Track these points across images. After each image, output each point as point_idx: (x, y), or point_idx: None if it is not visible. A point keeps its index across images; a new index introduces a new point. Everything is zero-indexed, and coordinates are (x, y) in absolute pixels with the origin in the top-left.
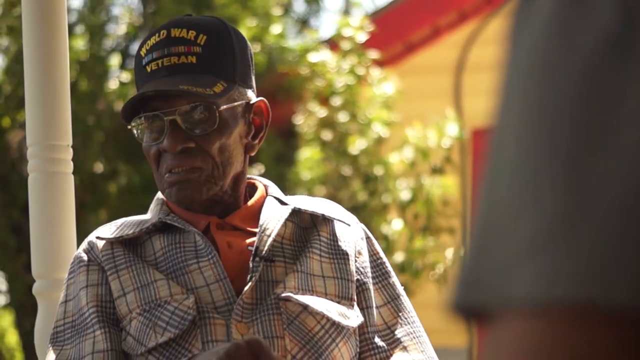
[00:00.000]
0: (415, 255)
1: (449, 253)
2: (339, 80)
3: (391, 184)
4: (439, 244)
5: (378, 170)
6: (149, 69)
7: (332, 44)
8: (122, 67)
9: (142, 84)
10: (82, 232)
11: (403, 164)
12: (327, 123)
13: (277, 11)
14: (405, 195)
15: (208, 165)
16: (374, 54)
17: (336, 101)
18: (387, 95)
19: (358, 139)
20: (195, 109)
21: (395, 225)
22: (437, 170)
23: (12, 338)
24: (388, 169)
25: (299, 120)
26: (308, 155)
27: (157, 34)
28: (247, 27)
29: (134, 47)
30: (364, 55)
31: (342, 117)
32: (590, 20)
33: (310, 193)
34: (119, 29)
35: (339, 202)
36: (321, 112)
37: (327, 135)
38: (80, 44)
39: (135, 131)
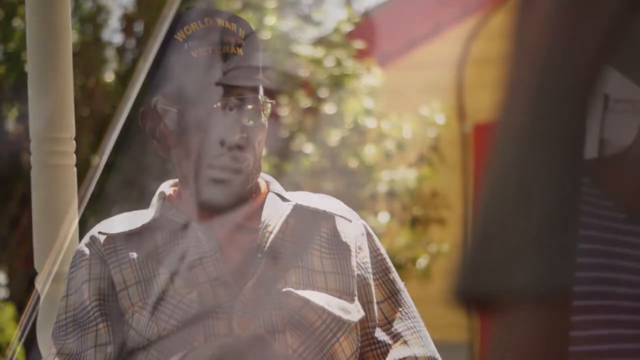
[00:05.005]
0: (398, 250)
1: (433, 247)
2: (324, 72)
3: (366, 176)
4: (426, 238)
5: (353, 163)
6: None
7: (327, 41)
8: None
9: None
10: (79, 223)
11: (379, 156)
12: (312, 114)
13: (271, 3)
14: (382, 188)
15: (253, 157)
16: (359, 44)
17: (323, 93)
18: (371, 87)
19: (334, 130)
20: (259, 101)
21: (381, 218)
22: (416, 163)
23: (12, 332)
24: (363, 161)
25: (284, 111)
26: None
27: (200, 21)
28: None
29: (130, 40)
30: (350, 47)
31: (328, 109)
32: (595, 13)
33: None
34: (112, 21)
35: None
36: (305, 102)
37: (310, 126)
38: (75, 35)
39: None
